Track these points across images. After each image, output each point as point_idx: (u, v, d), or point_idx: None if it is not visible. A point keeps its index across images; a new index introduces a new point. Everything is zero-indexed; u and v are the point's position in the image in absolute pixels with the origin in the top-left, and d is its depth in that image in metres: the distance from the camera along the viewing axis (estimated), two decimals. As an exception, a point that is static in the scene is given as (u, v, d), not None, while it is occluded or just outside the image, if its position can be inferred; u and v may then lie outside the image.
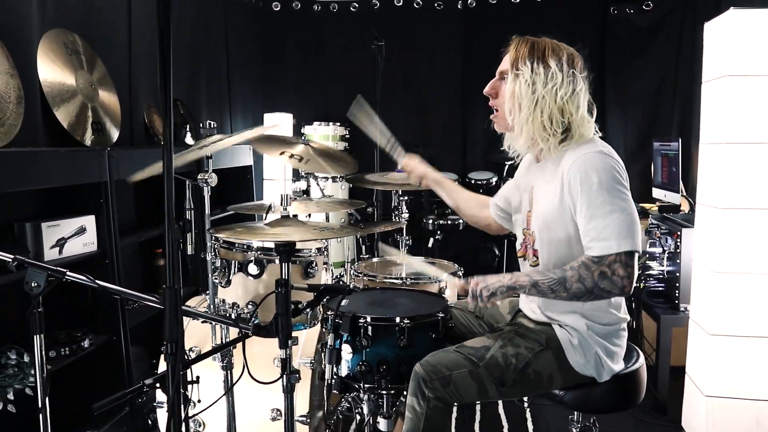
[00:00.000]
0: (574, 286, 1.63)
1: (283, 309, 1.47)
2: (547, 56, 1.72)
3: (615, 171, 1.65)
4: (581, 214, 1.65)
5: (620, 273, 1.59)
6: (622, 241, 1.59)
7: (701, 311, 2.57)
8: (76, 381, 2.46)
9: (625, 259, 1.59)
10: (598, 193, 1.62)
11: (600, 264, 1.60)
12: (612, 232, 1.59)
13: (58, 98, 2.63)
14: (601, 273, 1.60)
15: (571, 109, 1.72)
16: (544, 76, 1.70)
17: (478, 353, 1.74)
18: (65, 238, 2.38)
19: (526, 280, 1.71)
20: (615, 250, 1.59)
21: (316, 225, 1.62)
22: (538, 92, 1.70)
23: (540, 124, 1.71)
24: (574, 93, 1.72)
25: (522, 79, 1.71)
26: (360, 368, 1.83)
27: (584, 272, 1.61)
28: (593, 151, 1.67)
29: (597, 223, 1.61)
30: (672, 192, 3.79)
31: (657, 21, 4.56)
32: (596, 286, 1.61)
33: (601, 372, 1.77)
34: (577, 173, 1.65)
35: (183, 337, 0.99)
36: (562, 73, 1.71)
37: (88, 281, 1.38)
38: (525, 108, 1.71)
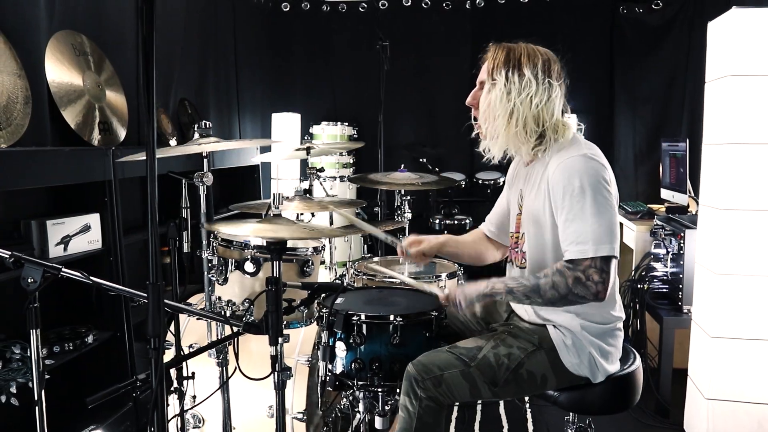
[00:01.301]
0: (548, 293, 1.63)
1: (274, 306, 1.49)
2: (522, 64, 1.71)
3: (598, 175, 1.64)
4: (561, 218, 1.65)
5: (595, 278, 1.58)
6: (600, 246, 1.58)
7: (703, 313, 2.55)
8: (81, 376, 2.51)
9: (600, 264, 1.58)
10: (579, 197, 1.61)
11: (574, 269, 1.59)
12: (589, 236, 1.59)
13: (65, 99, 2.68)
14: (576, 279, 1.59)
15: (545, 117, 1.71)
16: (519, 85, 1.70)
17: (470, 353, 1.75)
18: (70, 235, 2.43)
19: (502, 288, 1.71)
20: (591, 254, 1.58)
21: (307, 224, 1.64)
22: (512, 101, 1.70)
23: (514, 133, 1.71)
24: (549, 100, 1.72)
25: (497, 88, 1.71)
26: (353, 366, 1.84)
27: (558, 279, 1.61)
28: (578, 155, 1.66)
29: (576, 227, 1.61)
30: (680, 193, 3.76)
31: (666, 20, 4.52)
32: (570, 292, 1.60)
33: (595, 373, 1.76)
34: (560, 177, 1.65)
35: (166, 332, 1.01)
36: (537, 80, 1.70)
37: (82, 277, 1.41)
38: (500, 117, 1.71)
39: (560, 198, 1.64)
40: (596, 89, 4.58)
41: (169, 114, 3.64)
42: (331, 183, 4.65)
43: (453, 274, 2.61)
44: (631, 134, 4.73)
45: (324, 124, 4.78)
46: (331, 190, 4.53)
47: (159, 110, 3.52)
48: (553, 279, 1.62)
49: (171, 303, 1.45)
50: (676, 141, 3.83)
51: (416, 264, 2.81)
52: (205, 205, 1.79)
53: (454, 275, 2.63)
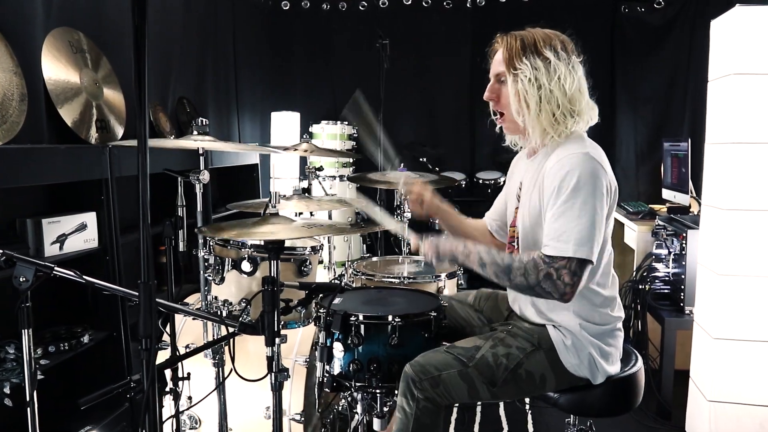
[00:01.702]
0: (517, 278, 1.61)
1: (270, 307, 1.46)
2: (540, 48, 1.68)
3: (596, 177, 1.60)
4: (549, 212, 1.62)
5: (565, 279, 1.56)
6: (579, 248, 1.55)
7: (705, 314, 2.53)
8: (76, 376, 2.48)
9: (575, 267, 1.56)
10: (572, 195, 1.58)
11: (549, 265, 1.57)
12: (572, 236, 1.56)
13: (62, 96, 2.65)
14: (547, 274, 1.57)
15: (578, 97, 1.69)
16: (545, 70, 1.66)
17: (468, 353, 1.72)
18: (66, 234, 2.40)
19: (476, 259, 1.68)
20: (569, 254, 1.55)
21: (306, 223, 1.61)
22: (544, 87, 1.66)
23: (551, 118, 1.67)
24: (578, 79, 1.69)
25: (523, 77, 1.67)
26: (351, 367, 1.82)
27: (531, 268, 1.58)
28: (579, 152, 1.63)
29: (561, 223, 1.58)
30: (682, 193, 3.74)
31: (668, 20, 4.50)
32: (538, 285, 1.58)
33: (595, 373, 1.74)
34: (557, 172, 1.61)
35: (160, 333, 0.99)
36: (561, 62, 1.67)
37: (75, 276, 1.38)
38: (534, 105, 1.67)
39: (553, 193, 1.61)
40: (597, 89, 4.54)
41: (168, 112, 3.62)
42: (331, 182, 4.62)
43: (452, 274, 2.59)
44: (632, 134, 4.70)
45: (323, 123, 4.76)
46: (331, 189, 4.51)
47: (157, 108, 3.50)
48: (526, 266, 1.59)
49: (166, 303, 1.43)
50: (678, 141, 3.80)
51: (416, 265, 2.80)
52: (201, 204, 1.77)
53: (454, 275, 2.60)
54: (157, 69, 3.53)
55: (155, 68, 3.50)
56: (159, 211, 3.17)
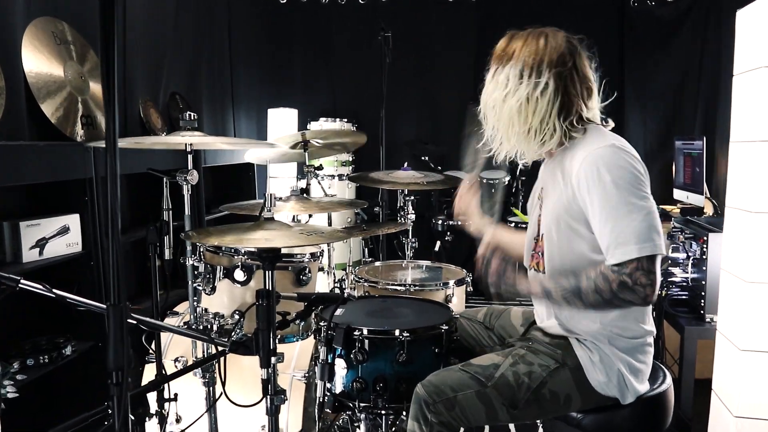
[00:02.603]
0: (591, 297, 1.47)
1: (265, 324, 1.30)
2: (534, 62, 1.57)
3: (630, 166, 1.48)
4: (595, 218, 1.49)
5: (642, 281, 1.42)
6: (643, 244, 1.42)
7: (731, 324, 2.37)
8: (57, 391, 2.31)
9: (647, 265, 1.42)
10: (613, 193, 1.45)
11: (619, 273, 1.43)
12: (630, 235, 1.43)
13: (44, 90, 2.49)
14: (621, 283, 1.43)
15: (526, 115, 1.58)
16: (526, 80, 1.56)
17: (486, 372, 1.57)
18: (46, 238, 2.24)
19: (539, 290, 1.56)
20: (635, 254, 1.42)
21: (304, 229, 1.45)
22: (515, 96, 1.57)
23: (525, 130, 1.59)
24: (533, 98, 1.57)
25: (497, 87, 1.61)
26: (355, 385, 1.67)
27: (602, 282, 1.45)
28: (604, 146, 1.51)
29: (613, 226, 1.45)
30: (695, 194, 3.59)
31: (680, 14, 4.34)
32: (615, 297, 1.44)
33: (624, 393, 1.59)
34: (589, 171, 1.49)
35: (131, 362, 0.84)
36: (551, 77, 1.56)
37: (43, 290, 1.21)
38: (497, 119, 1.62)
39: (591, 195, 1.48)
40: (605, 85, 4.40)
41: (159, 108, 3.45)
42: (329, 182, 4.46)
43: (461, 281, 2.43)
44: (642, 132, 4.55)
45: (322, 120, 4.59)
46: (329, 189, 4.34)
47: (148, 104, 3.33)
48: (596, 282, 1.46)
49: (148, 321, 1.26)
50: (692, 139, 3.65)
51: (421, 270, 2.64)
52: (189, 207, 1.60)
53: (462, 282, 2.44)
54: (148, 63, 3.36)
55: (146, 62, 3.33)
56: (147, 212, 3.05)
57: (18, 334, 2.29)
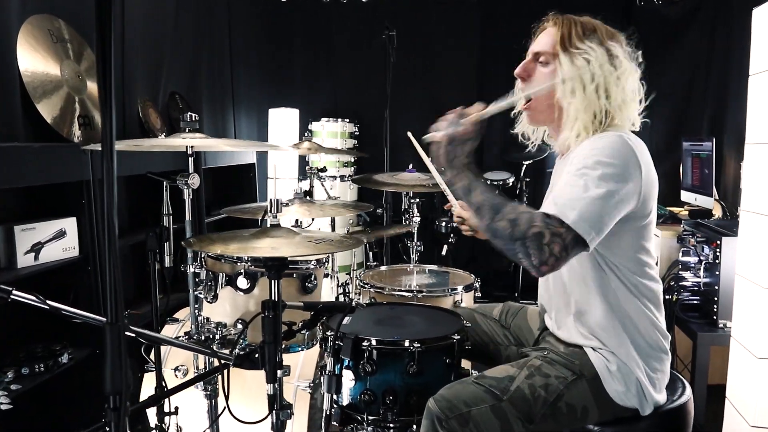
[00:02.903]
0: (502, 222, 1.33)
1: (271, 336, 1.23)
2: (603, 38, 1.50)
3: (625, 158, 1.39)
4: (563, 180, 1.40)
5: (555, 249, 1.29)
6: (581, 221, 1.31)
7: (747, 331, 2.31)
8: (53, 401, 2.24)
9: (569, 240, 1.31)
10: (591, 170, 1.36)
11: (545, 225, 1.30)
12: (578, 207, 1.32)
13: (40, 89, 2.42)
14: (539, 234, 1.29)
15: (631, 100, 1.51)
16: (607, 60, 1.47)
17: (500, 385, 1.51)
18: (42, 242, 2.17)
19: (466, 180, 1.44)
20: (567, 221, 1.31)
21: (312, 236, 1.38)
22: (599, 79, 1.46)
23: (592, 116, 1.47)
24: (636, 81, 1.52)
25: (581, 60, 1.47)
26: (363, 398, 1.60)
27: (524, 220, 1.31)
28: (612, 133, 1.45)
29: (572, 191, 1.35)
30: (704, 196, 3.52)
31: (687, 13, 4.28)
32: (521, 241, 1.30)
33: (644, 403, 1.53)
34: (586, 150, 1.42)
35: (130, 386, 0.77)
36: (625, 57, 1.49)
37: (37, 302, 1.15)
38: (580, 96, 1.46)
39: (575, 164, 1.40)
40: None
41: (158, 108, 3.37)
42: (331, 183, 4.38)
43: (469, 286, 2.36)
44: (648, 132, 4.47)
45: (324, 121, 4.51)
46: (331, 190, 4.27)
47: (147, 104, 3.25)
48: (519, 215, 1.32)
49: (147, 333, 1.19)
50: (700, 140, 3.58)
51: (428, 275, 2.58)
52: (190, 212, 1.52)
53: (471, 288, 2.38)
54: (147, 62, 3.29)
55: (145, 62, 3.26)
56: (146, 214, 2.98)
57: (12, 342, 2.22)
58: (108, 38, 0.73)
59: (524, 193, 4.55)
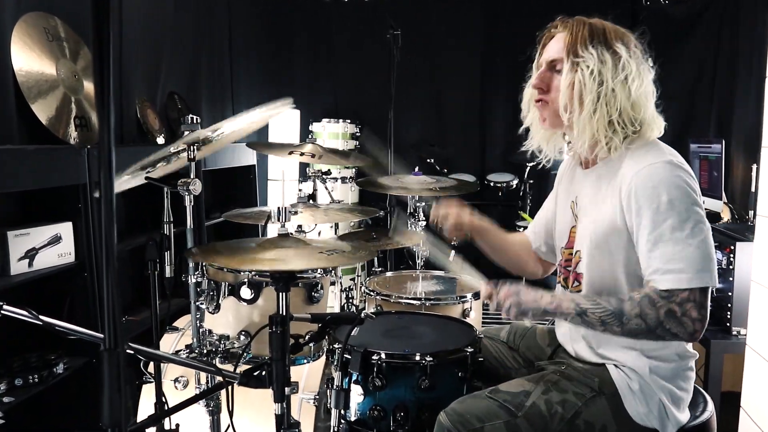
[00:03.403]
0: (632, 322, 1.33)
1: (279, 353, 1.16)
2: (611, 40, 1.43)
3: (688, 188, 1.35)
4: (644, 238, 1.35)
5: (693, 314, 1.30)
6: (696, 274, 1.30)
7: (763, 339, 2.24)
8: (47, 413, 2.16)
9: (699, 297, 1.30)
10: (668, 214, 1.32)
11: (669, 300, 1.31)
12: (684, 262, 1.30)
13: (35, 89, 2.34)
14: (669, 311, 1.30)
15: (643, 103, 1.44)
16: (612, 65, 1.41)
17: (515, 400, 1.44)
18: (36, 248, 2.09)
19: (571, 307, 1.40)
20: (687, 285, 1.30)
21: (324, 247, 1.31)
22: (606, 84, 1.40)
23: (606, 121, 1.40)
24: (647, 84, 1.46)
25: (584, 67, 1.41)
26: (372, 413, 1.53)
27: (648, 307, 1.32)
28: (661, 161, 1.37)
29: (665, 250, 1.32)
30: (713, 198, 3.45)
31: (694, 13, 4.21)
32: (660, 326, 1.31)
33: (665, 424, 1.46)
34: (642, 187, 1.35)
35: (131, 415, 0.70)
36: (633, 60, 1.42)
37: (29, 317, 1.07)
38: (589, 103, 1.41)
39: (642, 213, 1.35)
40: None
41: (157, 109, 3.30)
42: (332, 184, 4.31)
43: (478, 294, 2.29)
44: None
45: (325, 122, 4.44)
46: (332, 192, 4.19)
47: (145, 105, 3.18)
48: (641, 306, 1.32)
49: (146, 350, 1.12)
50: (709, 142, 3.52)
51: (435, 282, 2.51)
52: (191, 220, 1.45)
53: (479, 295, 2.30)
54: (145, 62, 3.21)
55: (143, 61, 3.18)
56: (144, 217, 2.90)
57: (5, 351, 2.14)
58: (105, 37, 0.66)
59: (528, 195, 4.49)
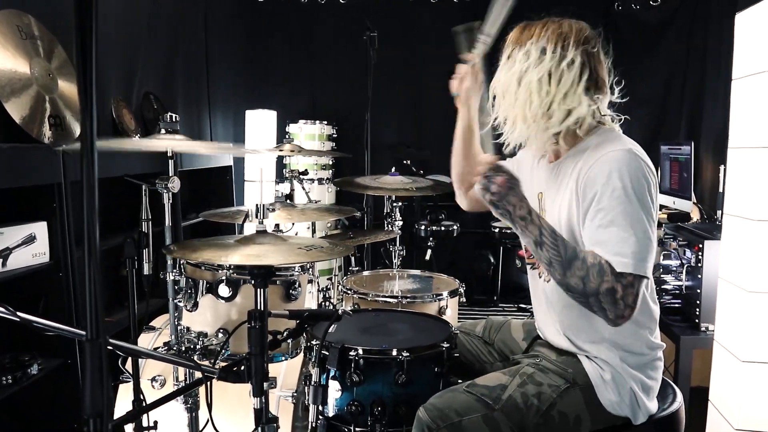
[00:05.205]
0: (573, 279, 1.34)
1: (258, 348, 1.17)
2: (533, 36, 1.51)
3: (646, 178, 1.39)
4: (595, 220, 1.38)
5: (628, 300, 1.32)
6: (640, 263, 1.33)
7: (730, 334, 2.31)
8: (23, 414, 2.14)
9: (637, 286, 1.33)
10: (623, 200, 1.35)
11: (616, 280, 1.32)
12: (631, 249, 1.33)
13: (8, 88, 2.31)
14: (611, 289, 1.31)
15: (576, 89, 1.45)
16: (548, 54, 1.45)
17: (492, 394, 1.47)
18: (10, 248, 2.07)
19: (535, 233, 1.40)
20: (634, 270, 1.32)
21: (301, 243, 1.32)
22: (534, 72, 1.45)
23: (535, 110, 1.45)
24: (574, 78, 1.45)
25: (517, 60, 1.49)
26: (350, 408, 1.55)
27: (594, 275, 1.32)
28: (622, 149, 1.41)
29: (616, 232, 1.34)
30: (682, 199, 3.55)
31: (665, 18, 4.32)
32: (595, 297, 1.32)
33: (636, 412, 1.51)
34: (599, 173, 1.38)
35: (112, 406, 0.71)
36: (571, 48, 1.46)
37: (7, 314, 1.07)
38: (514, 95, 1.48)
39: (596, 196, 1.38)
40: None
41: (132, 109, 3.27)
42: (309, 186, 4.31)
43: (454, 291, 2.32)
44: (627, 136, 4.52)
45: (302, 123, 4.45)
46: (310, 193, 4.20)
47: (120, 104, 3.15)
48: (589, 271, 1.33)
49: (125, 346, 1.13)
50: (679, 144, 3.61)
51: (411, 281, 2.54)
52: (170, 218, 1.45)
53: (456, 293, 2.34)
54: (120, 62, 3.19)
55: (118, 60, 3.16)
56: (120, 217, 2.88)
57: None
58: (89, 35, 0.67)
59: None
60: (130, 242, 1.43)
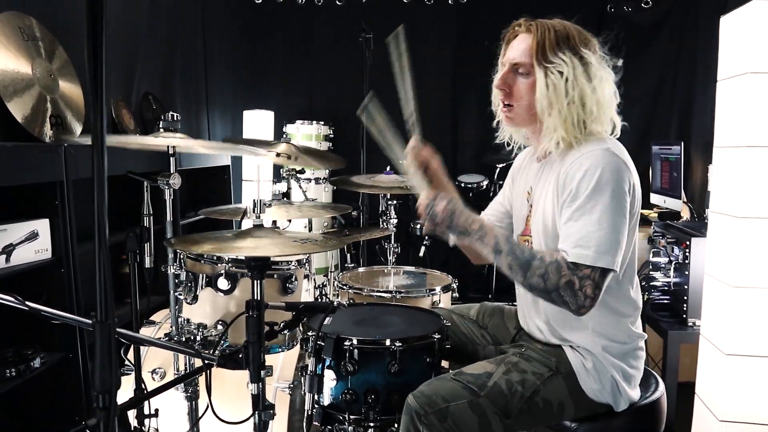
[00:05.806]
0: (534, 279, 1.42)
1: (255, 336, 1.23)
2: (577, 45, 1.53)
3: (620, 175, 1.44)
4: (566, 212, 1.45)
5: (587, 291, 1.39)
6: (601, 255, 1.39)
7: (715, 329, 2.37)
8: (26, 407, 2.19)
9: (598, 277, 1.40)
10: (593, 195, 1.42)
11: (573, 272, 1.40)
12: (593, 241, 1.40)
13: (10, 88, 2.36)
14: (569, 282, 1.39)
15: (609, 105, 1.56)
16: (582, 69, 1.51)
17: (478, 381, 1.53)
18: (13, 244, 2.12)
19: (492, 243, 1.47)
20: (591, 262, 1.39)
21: (297, 236, 1.38)
22: (578, 88, 1.49)
23: (573, 120, 1.50)
24: (610, 87, 1.58)
25: (556, 72, 1.49)
26: (345, 397, 1.61)
27: (553, 272, 1.41)
28: (600, 148, 1.47)
29: (581, 226, 1.42)
30: (673, 198, 3.61)
31: (657, 20, 4.38)
32: (556, 292, 1.41)
33: (618, 399, 1.58)
34: (577, 169, 1.46)
35: (118, 384, 0.77)
36: (600, 64, 1.55)
37: (16, 303, 1.13)
38: (560, 107, 1.50)
39: (571, 193, 1.44)
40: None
41: (131, 109, 3.33)
42: (305, 185, 4.36)
43: (447, 287, 2.38)
44: (618, 137, 4.58)
45: (299, 123, 4.50)
46: (306, 192, 4.25)
47: (120, 105, 3.21)
48: (547, 269, 1.41)
49: (128, 333, 1.18)
50: (669, 144, 3.68)
51: (406, 276, 2.59)
52: (171, 213, 1.51)
53: (448, 288, 2.40)
54: (120, 62, 3.24)
55: (118, 61, 3.22)
56: (122, 214, 2.93)
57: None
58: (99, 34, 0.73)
59: (498, 196, 4.61)
60: (133, 236, 1.49)
